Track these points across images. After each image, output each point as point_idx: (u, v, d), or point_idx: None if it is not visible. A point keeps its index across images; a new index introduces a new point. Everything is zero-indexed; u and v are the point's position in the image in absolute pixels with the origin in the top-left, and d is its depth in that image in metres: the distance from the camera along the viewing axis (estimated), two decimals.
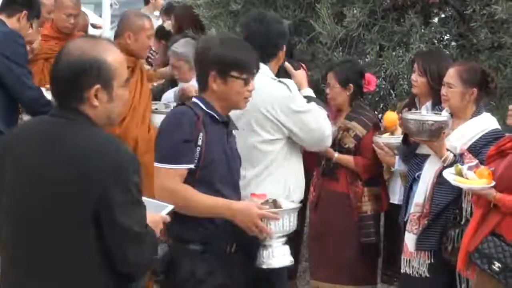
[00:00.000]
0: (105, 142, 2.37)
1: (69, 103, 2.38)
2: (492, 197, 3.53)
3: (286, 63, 3.86)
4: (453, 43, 5.35)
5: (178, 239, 3.18)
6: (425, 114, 4.00)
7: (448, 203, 3.89)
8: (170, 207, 2.78)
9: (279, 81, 3.65)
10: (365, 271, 4.59)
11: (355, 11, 5.06)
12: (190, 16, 5.76)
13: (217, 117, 3.18)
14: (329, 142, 3.85)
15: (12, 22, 4.76)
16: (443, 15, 5.52)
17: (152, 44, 4.95)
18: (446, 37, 5.42)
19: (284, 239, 3.22)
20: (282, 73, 3.88)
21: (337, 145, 4.51)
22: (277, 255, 3.21)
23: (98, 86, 2.36)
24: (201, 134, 3.08)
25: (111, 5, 8.14)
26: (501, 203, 3.52)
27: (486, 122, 3.96)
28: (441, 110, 4.04)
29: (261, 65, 3.48)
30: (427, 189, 3.94)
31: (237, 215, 3.09)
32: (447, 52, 5.09)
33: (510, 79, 4.75)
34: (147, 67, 5.95)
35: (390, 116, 4.46)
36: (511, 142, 3.62)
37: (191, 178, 3.10)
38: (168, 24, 6.73)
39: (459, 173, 3.65)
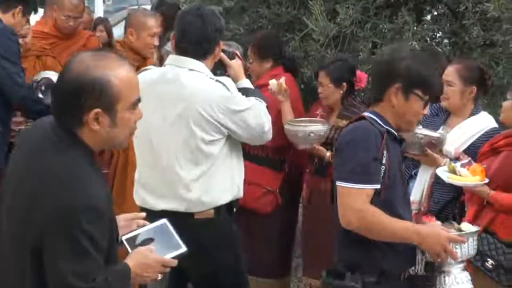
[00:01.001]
0: (73, 180, 2.14)
1: (66, 123, 2.21)
2: (486, 194, 3.55)
3: (221, 53, 3.64)
4: (445, 41, 5.37)
5: (350, 266, 2.94)
6: (419, 128, 3.98)
7: (447, 202, 3.91)
8: (182, 250, 2.53)
9: (217, 80, 3.45)
10: None
11: (348, 8, 5.06)
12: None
13: (395, 134, 2.96)
14: (269, 136, 3.61)
15: (7, 18, 4.74)
16: (435, 13, 5.53)
17: (157, 43, 4.82)
18: (438, 35, 5.42)
19: (463, 264, 3.03)
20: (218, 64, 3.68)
21: (330, 144, 4.49)
22: (460, 281, 3.02)
23: (98, 110, 2.16)
24: (385, 152, 2.86)
25: (103, 1, 8.14)
26: (494, 201, 3.54)
27: (485, 121, 3.97)
28: (437, 108, 4.05)
29: (196, 62, 3.42)
30: (424, 187, 3.96)
31: (426, 240, 2.87)
32: (440, 50, 5.10)
33: (501, 77, 4.77)
34: None
35: None
36: (505, 139, 3.64)
37: (375, 199, 2.85)
38: None
39: (453, 171, 3.66)
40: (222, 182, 3.50)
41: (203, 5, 3.79)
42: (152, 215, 2.95)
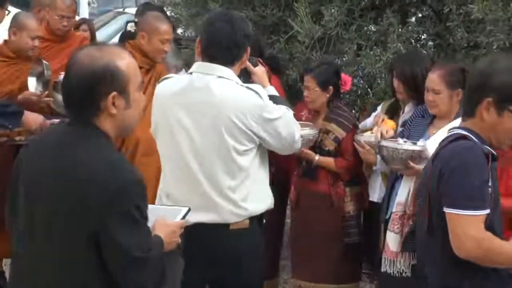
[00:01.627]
0: (111, 164, 2.29)
1: (84, 116, 2.33)
2: None
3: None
4: (430, 43, 5.38)
5: None
6: (400, 143, 3.97)
7: None
8: (185, 209, 2.71)
9: (247, 87, 3.36)
10: (348, 270, 4.63)
11: (333, 10, 5.08)
12: None
13: (494, 153, 2.79)
14: (299, 145, 3.61)
15: None
16: (420, 15, 5.56)
17: (168, 49, 4.72)
18: (423, 37, 5.45)
19: None
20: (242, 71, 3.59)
21: (318, 147, 4.52)
22: None
23: (114, 93, 2.31)
24: (489, 174, 2.72)
25: (88, 3, 8.11)
26: None
27: None
28: (423, 110, 4.06)
29: (225, 69, 3.32)
30: (410, 189, 3.96)
31: None
32: (424, 52, 5.12)
33: None
34: None
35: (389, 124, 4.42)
36: None
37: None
38: (131, 26, 6.65)
39: None
40: (257, 192, 3.43)
41: (230, 11, 3.79)
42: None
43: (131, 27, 6.64)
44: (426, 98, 4.01)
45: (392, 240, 4.00)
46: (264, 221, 3.60)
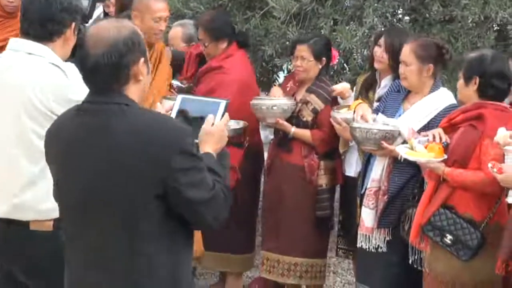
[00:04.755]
0: (160, 123, 2.33)
1: (113, 87, 2.33)
2: (441, 171, 3.57)
3: None
4: (406, 17, 5.37)
5: None
6: (371, 123, 3.97)
7: (407, 180, 3.92)
8: (224, 102, 2.68)
9: (54, 64, 2.99)
10: (316, 245, 4.62)
11: None
12: None
13: None
14: None
15: None
16: None
17: (164, 28, 4.50)
18: (399, 11, 5.43)
19: None
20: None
21: (295, 117, 4.54)
22: None
23: (143, 58, 2.36)
24: None
25: None
26: (449, 177, 3.56)
27: (443, 98, 3.98)
28: (399, 84, 4.07)
29: (37, 45, 2.99)
30: (384, 165, 3.97)
31: None
32: (400, 26, 5.11)
33: (461, 52, 4.79)
34: None
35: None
36: (462, 115, 3.65)
37: None
38: (106, 5, 6.53)
39: (412, 147, 3.69)
40: None
41: None
42: None
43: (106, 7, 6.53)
44: (399, 71, 4.01)
45: (367, 216, 4.02)
46: None
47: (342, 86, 4.51)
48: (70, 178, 2.38)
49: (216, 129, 2.60)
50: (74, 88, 2.90)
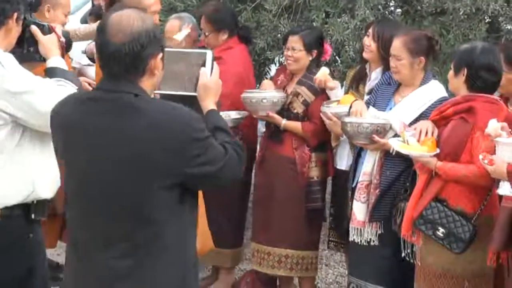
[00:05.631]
0: (173, 109, 2.34)
1: (130, 77, 2.34)
2: (433, 166, 3.57)
3: (33, 26, 3.12)
4: (398, 10, 5.37)
5: None
6: (361, 118, 3.97)
7: (398, 174, 3.92)
8: (209, 53, 2.69)
9: None
10: (307, 237, 4.62)
11: None
12: None
13: None
14: None
15: None
16: None
17: (157, 22, 4.47)
18: (391, 3, 5.43)
19: None
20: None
21: (286, 110, 4.55)
22: None
23: (161, 54, 2.37)
24: None
25: None
26: (441, 172, 3.56)
27: (434, 91, 3.97)
28: (390, 77, 4.07)
29: None
30: (376, 159, 3.97)
31: None
32: (392, 18, 5.11)
33: (452, 45, 4.79)
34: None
35: (349, 99, 4.39)
36: (453, 107, 3.65)
37: None
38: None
39: (404, 140, 3.70)
40: (7, 178, 2.92)
41: None
42: None
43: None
44: (390, 65, 4.00)
45: (358, 210, 4.02)
46: (34, 216, 3.04)
47: (321, 73, 4.45)
48: (78, 166, 2.39)
49: (212, 81, 2.65)
50: (12, 79, 2.84)
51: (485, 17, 5.07)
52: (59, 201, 4.52)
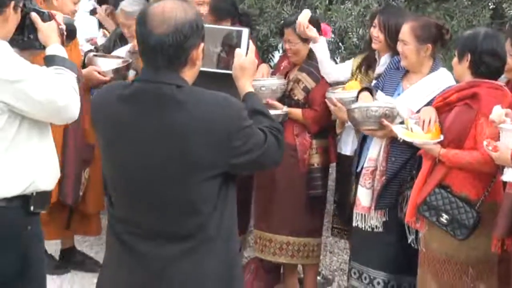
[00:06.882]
0: (215, 102, 2.32)
1: (173, 67, 2.32)
2: (437, 153, 3.57)
3: (33, 14, 3.08)
4: None
5: None
6: (368, 102, 3.95)
7: (405, 161, 3.91)
8: (245, 30, 2.67)
9: None
10: (309, 224, 4.62)
11: None
12: None
13: None
14: (69, 114, 2.97)
15: None
16: None
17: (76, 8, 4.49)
18: None
19: None
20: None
21: (287, 97, 4.53)
22: None
23: (202, 44, 2.35)
24: None
25: None
26: (445, 159, 3.55)
27: (443, 79, 3.96)
28: (398, 61, 4.05)
29: None
30: (382, 145, 3.96)
31: None
32: (395, 5, 5.09)
33: (456, 31, 4.78)
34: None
35: (354, 86, 4.39)
36: (457, 94, 3.65)
37: None
38: None
39: (408, 127, 3.69)
40: (5, 169, 2.91)
41: None
42: None
43: None
44: (398, 49, 4.00)
45: (363, 195, 4.01)
46: (33, 208, 3.01)
47: (303, 14, 4.36)
48: (122, 161, 2.37)
49: (248, 61, 2.63)
50: (6, 67, 2.81)
51: (489, 3, 5.07)
52: (68, 192, 4.55)
